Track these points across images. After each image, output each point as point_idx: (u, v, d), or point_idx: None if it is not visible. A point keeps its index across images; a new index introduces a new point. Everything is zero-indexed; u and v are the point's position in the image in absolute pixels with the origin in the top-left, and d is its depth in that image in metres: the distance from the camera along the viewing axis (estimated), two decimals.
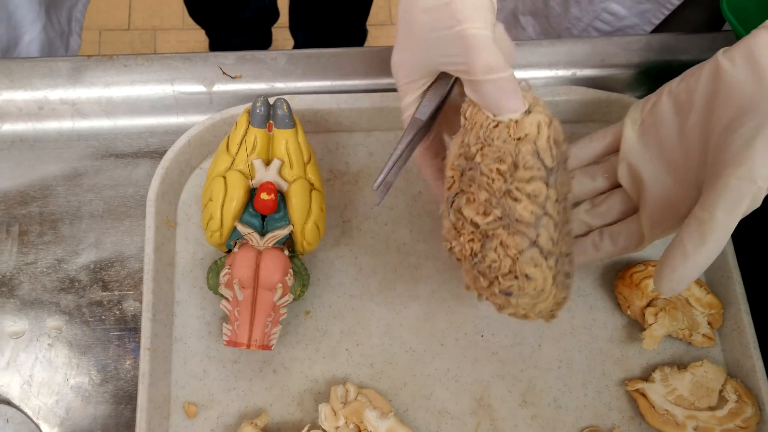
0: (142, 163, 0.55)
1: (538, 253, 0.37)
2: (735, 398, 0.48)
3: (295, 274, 0.48)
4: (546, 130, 0.37)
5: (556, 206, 0.38)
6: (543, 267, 0.38)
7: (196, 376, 0.49)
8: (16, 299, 0.51)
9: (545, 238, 0.37)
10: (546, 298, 0.39)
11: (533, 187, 0.37)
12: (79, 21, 0.76)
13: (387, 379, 0.50)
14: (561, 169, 0.38)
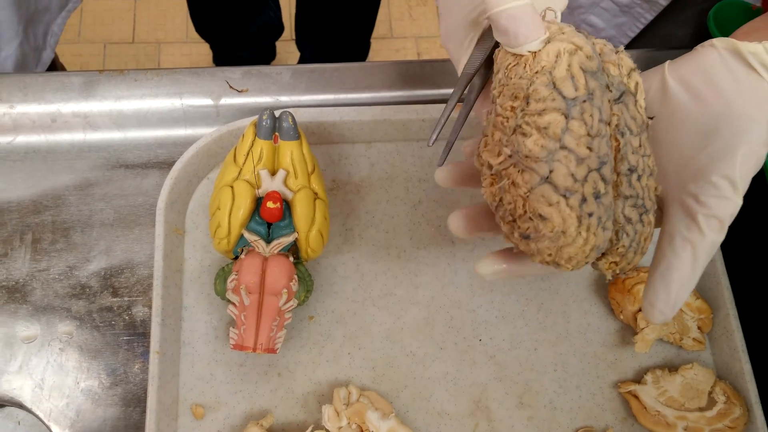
0: (151, 174, 0.57)
1: (551, 190, 0.34)
2: (724, 399, 0.49)
3: (300, 279, 0.50)
4: (566, 58, 0.34)
5: (586, 140, 0.34)
6: (561, 205, 0.34)
7: (203, 379, 0.51)
8: (28, 305, 0.53)
9: (561, 174, 0.34)
10: (571, 241, 0.35)
11: (546, 119, 0.34)
12: (55, 35, 0.76)
13: (388, 382, 0.51)
14: (596, 98, 0.35)
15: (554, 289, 0.54)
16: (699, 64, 0.40)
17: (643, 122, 0.37)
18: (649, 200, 0.37)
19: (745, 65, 0.39)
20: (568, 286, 0.54)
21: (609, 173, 0.35)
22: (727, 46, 0.40)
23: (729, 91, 0.39)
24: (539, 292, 0.54)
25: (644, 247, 0.38)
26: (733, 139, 0.38)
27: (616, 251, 0.37)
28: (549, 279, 0.55)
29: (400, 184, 0.57)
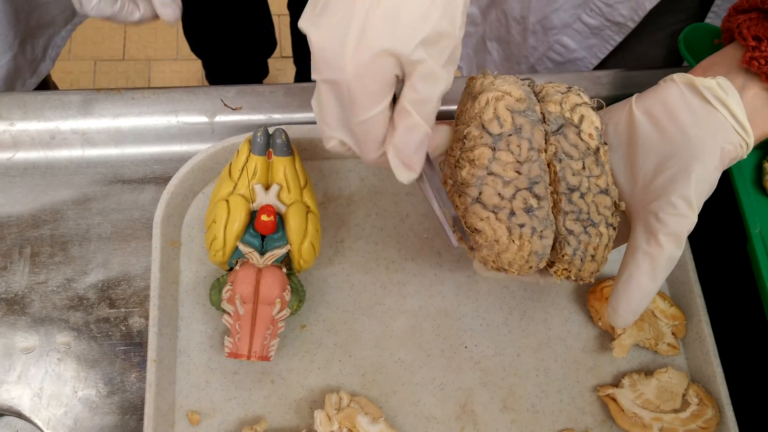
0: (147, 189, 0.59)
1: (481, 207, 0.42)
2: (697, 401, 0.52)
3: (293, 290, 0.52)
4: (493, 104, 0.42)
5: (514, 165, 0.42)
6: (491, 219, 0.42)
7: (198, 386, 0.52)
8: (27, 317, 0.55)
9: (488, 194, 0.42)
10: (505, 248, 0.42)
11: (476, 152, 0.42)
12: (57, 47, 0.76)
13: (377, 388, 0.53)
14: (525, 131, 0.42)
15: (536, 297, 0.57)
16: (661, 97, 0.45)
17: (589, 148, 0.43)
18: (597, 214, 0.43)
19: (701, 98, 0.43)
20: (549, 295, 0.57)
21: (543, 191, 0.42)
22: (685, 81, 0.44)
23: (686, 121, 0.43)
24: (522, 300, 0.57)
25: (598, 255, 0.44)
26: (689, 163, 0.42)
27: (562, 258, 0.44)
28: (531, 289, 0.57)
29: (388, 198, 0.59)
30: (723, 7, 0.67)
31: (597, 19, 0.70)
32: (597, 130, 0.44)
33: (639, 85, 0.65)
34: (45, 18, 0.72)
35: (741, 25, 0.46)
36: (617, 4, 0.68)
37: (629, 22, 0.69)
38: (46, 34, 0.74)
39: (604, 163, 0.44)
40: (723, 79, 0.44)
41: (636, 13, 0.68)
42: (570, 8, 0.72)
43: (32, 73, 0.75)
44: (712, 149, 0.42)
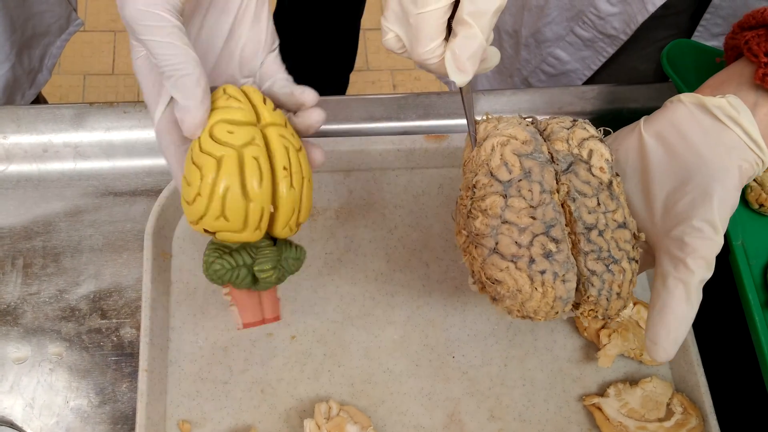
0: (138, 201, 0.60)
1: (499, 258, 0.41)
2: (681, 410, 0.53)
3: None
4: (499, 149, 0.42)
5: (528, 211, 0.40)
6: (511, 269, 0.41)
7: (189, 396, 0.53)
8: (19, 327, 0.55)
9: (505, 244, 0.40)
10: (529, 297, 0.41)
11: (487, 202, 0.41)
12: (54, 57, 0.77)
13: (366, 397, 0.54)
14: (535, 174, 0.41)
15: None
16: (670, 120, 0.44)
17: (601, 183, 0.42)
18: (618, 250, 0.42)
19: (712, 118, 0.43)
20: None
21: (560, 233, 0.41)
22: (694, 101, 0.44)
23: (699, 142, 0.43)
24: None
25: (623, 292, 0.43)
26: (709, 185, 0.42)
27: (587, 300, 0.42)
28: None
29: (377, 210, 0.60)
30: (712, 21, 0.68)
31: (590, 31, 0.72)
32: (608, 163, 0.43)
33: (625, 99, 0.66)
34: (40, 28, 0.73)
35: (750, 41, 0.45)
36: (609, 17, 0.69)
37: (621, 34, 0.70)
38: (42, 43, 0.74)
39: (618, 196, 0.42)
40: (733, 98, 0.43)
41: (628, 26, 0.69)
42: (563, 21, 0.73)
43: (31, 84, 0.76)
44: (730, 169, 0.42)
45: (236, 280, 0.44)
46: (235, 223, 0.40)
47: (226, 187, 0.39)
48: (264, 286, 0.45)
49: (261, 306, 0.46)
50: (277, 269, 0.44)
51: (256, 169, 0.40)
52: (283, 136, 0.42)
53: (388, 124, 0.64)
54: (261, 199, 0.40)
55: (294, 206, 0.42)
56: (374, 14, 1.81)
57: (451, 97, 0.65)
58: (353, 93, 1.72)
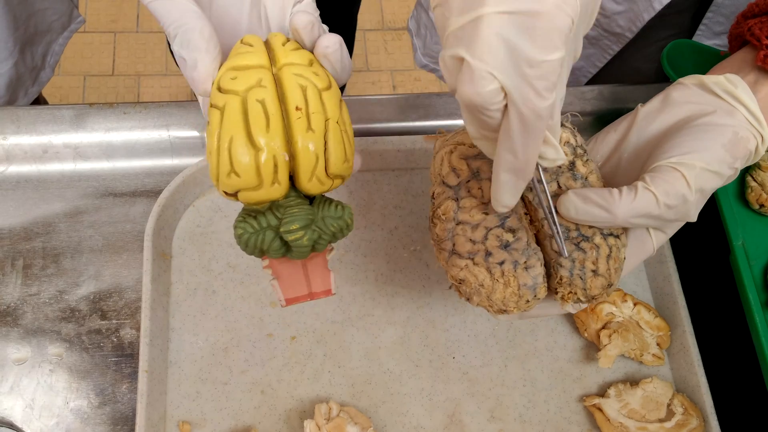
0: (138, 202, 0.60)
1: (457, 257, 0.42)
2: (682, 411, 0.53)
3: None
4: (447, 158, 0.43)
5: (480, 207, 0.42)
6: (470, 266, 0.41)
7: (189, 397, 0.53)
8: (20, 328, 0.55)
9: (461, 242, 0.42)
10: (492, 289, 0.41)
11: (442, 208, 0.43)
12: (56, 54, 0.77)
13: (366, 398, 0.54)
14: (484, 172, 0.42)
15: None
16: (671, 96, 0.45)
17: (560, 167, 0.42)
18: (588, 228, 0.42)
19: (711, 93, 0.44)
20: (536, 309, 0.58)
21: (517, 223, 0.41)
22: (694, 81, 0.45)
23: (695, 109, 0.43)
24: None
25: (600, 268, 0.42)
26: (697, 136, 0.41)
27: (561, 283, 0.42)
28: None
29: (377, 211, 0.60)
30: (714, 20, 0.68)
31: (595, 29, 0.72)
32: (569, 145, 0.43)
33: (625, 99, 0.66)
34: (42, 25, 0.73)
35: (752, 27, 0.46)
36: (615, 15, 0.69)
37: (627, 32, 0.70)
38: (44, 41, 0.75)
39: (585, 176, 0.43)
40: (732, 75, 0.44)
41: (634, 24, 0.69)
42: None
43: (34, 81, 0.76)
44: (724, 127, 0.41)
45: (264, 246, 0.39)
46: (247, 177, 0.36)
47: (230, 137, 0.35)
48: (298, 252, 0.39)
49: (307, 278, 0.41)
50: (308, 230, 0.38)
51: (260, 113, 0.35)
52: (300, 75, 0.37)
53: (387, 124, 0.64)
54: (270, 146, 0.35)
55: (315, 152, 0.36)
56: (374, 14, 1.81)
57: (450, 98, 0.65)
58: (353, 94, 1.72)
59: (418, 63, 0.88)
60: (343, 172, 0.38)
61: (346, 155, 0.38)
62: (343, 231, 0.40)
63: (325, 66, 0.39)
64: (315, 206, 0.39)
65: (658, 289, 0.58)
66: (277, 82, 0.37)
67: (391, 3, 1.84)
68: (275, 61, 0.38)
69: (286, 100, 0.36)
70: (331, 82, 0.38)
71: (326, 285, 0.41)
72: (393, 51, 1.79)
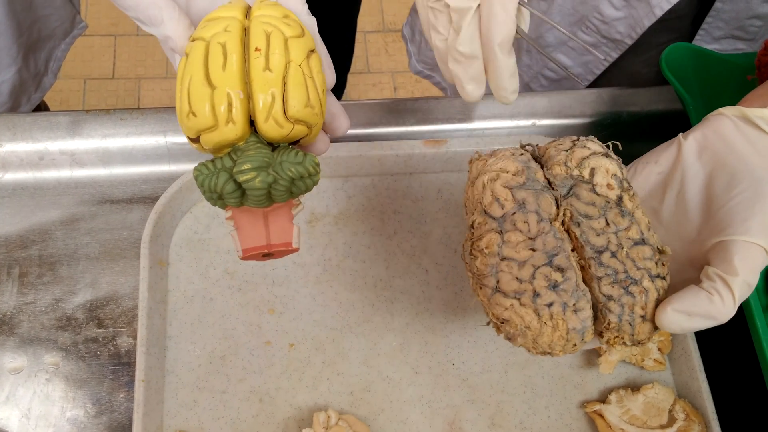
0: (135, 209, 0.59)
1: (502, 296, 0.39)
2: (683, 417, 0.52)
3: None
4: (489, 186, 0.41)
5: (526, 243, 0.39)
6: (515, 306, 0.39)
7: (186, 406, 0.52)
8: (15, 337, 0.55)
9: (506, 281, 0.39)
10: (539, 333, 0.39)
11: (484, 240, 0.40)
12: (58, 60, 0.77)
13: (366, 406, 0.53)
14: (530, 204, 0.40)
15: None
16: (712, 130, 0.43)
17: (609, 201, 0.40)
18: (636, 270, 0.40)
19: (756, 129, 0.43)
20: None
21: (565, 261, 0.39)
22: (736, 113, 0.43)
23: (745, 150, 0.42)
24: None
25: (648, 313, 0.40)
26: (758, 190, 0.40)
27: (608, 328, 0.40)
28: None
29: (375, 216, 0.60)
30: (713, 25, 0.68)
31: (593, 36, 0.71)
32: (616, 178, 0.41)
33: (625, 103, 0.66)
34: (45, 31, 0.73)
35: None
36: (614, 22, 0.68)
37: (626, 39, 0.69)
38: (47, 47, 0.75)
39: (632, 211, 0.40)
40: None
41: (633, 30, 0.68)
42: (565, 26, 0.72)
43: (36, 87, 0.76)
44: None
45: (217, 188, 0.37)
46: (203, 116, 0.36)
47: (189, 78, 0.36)
48: (253, 197, 0.37)
49: (267, 229, 0.39)
50: (261, 171, 0.36)
51: (219, 54, 0.36)
52: (267, 23, 0.37)
53: (386, 129, 0.63)
54: (224, 83, 0.36)
55: (272, 92, 0.36)
56: (374, 16, 1.81)
57: (449, 102, 0.65)
58: (354, 96, 1.72)
59: (412, 69, 0.87)
60: (305, 117, 0.37)
61: (309, 100, 0.37)
62: (305, 179, 0.38)
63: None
64: (276, 152, 0.38)
65: None
66: (247, 31, 0.37)
67: (391, 5, 1.84)
68: (250, 15, 0.38)
69: (249, 44, 0.37)
70: (304, 33, 0.38)
71: (287, 237, 0.39)
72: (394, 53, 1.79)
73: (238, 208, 0.39)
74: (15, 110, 0.75)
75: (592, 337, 0.40)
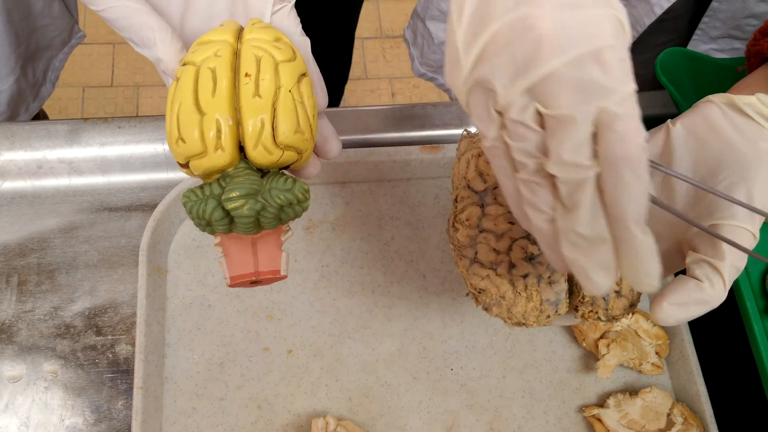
0: (134, 216, 0.60)
1: (479, 266, 0.41)
2: (681, 420, 0.52)
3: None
4: (473, 162, 0.42)
5: (505, 217, 0.41)
6: (492, 276, 0.41)
7: (185, 413, 0.52)
8: (14, 345, 0.55)
9: (484, 251, 0.41)
10: (513, 302, 0.41)
11: (466, 213, 0.42)
12: (56, 69, 0.78)
13: (364, 412, 0.53)
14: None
15: None
16: (701, 116, 0.44)
17: None
18: None
19: (743, 115, 0.43)
20: None
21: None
22: (724, 100, 0.44)
23: (731, 136, 0.42)
24: None
25: (624, 289, 0.41)
26: (744, 174, 0.41)
27: (583, 302, 0.41)
28: None
29: (373, 222, 0.60)
30: (710, 25, 0.68)
31: None
32: None
33: None
34: (43, 41, 0.73)
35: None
36: None
37: None
38: (45, 56, 0.75)
39: None
40: (763, 95, 0.43)
41: (633, 28, 0.68)
42: None
43: (35, 97, 0.76)
44: (762, 158, 0.41)
45: (206, 215, 0.37)
46: (192, 143, 0.35)
47: (179, 104, 0.36)
48: (242, 224, 0.37)
49: (255, 257, 0.39)
50: (249, 199, 0.36)
51: (209, 80, 0.36)
52: (258, 47, 0.37)
53: (383, 135, 0.64)
54: (213, 110, 0.35)
55: (261, 118, 0.35)
56: (372, 23, 1.82)
57: (446, 108, 0.65)
58: (352, 102, 1.72)
59: (415, 72, 0.88)
60: (295, 143, 0.37)
61: (299, 126, 0.37)
62: (294, 206, 0.38)
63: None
64: (265, 179, 0.37)
65: None
66: (237, 55, 0.37)
67: (388, 11, 1.85)
68: (241, 38, 0.38)
69: (239, 69, 0.36)
70: (296, 57, 0.38)
71: (275, 265, 0.39)
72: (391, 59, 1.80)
73: (227, 235, 0.39)
74: (13, 120, 0.75)
75: (567, 309, 0.41)
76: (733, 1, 0.65)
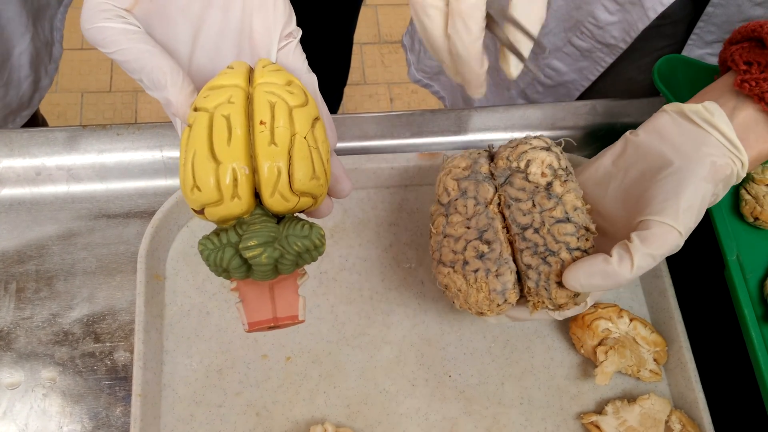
0: (132, 223, 0.60)
1: (442, 266, 0.48)
2: (680, 427, 0.52)
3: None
4: (442, 179, 0.49)
5: (463, 222, 0.47)
6: (450, 274, 0.48)
7: (183, 420, 0.52)
8: (12, 352, 0.55)
9: (445, 253, 0.48)
10: (467, 294, 0.47)
11: (435, 224, 0.49)
12: (59, 29, 0.78)
13: (362, 419, 0.53)
14: (470, 191, 0.48)
15: (519, 326, 0.57)
16: (652, 125, 0.48)
17: (538, 187, 0.47)
18: (555, 243, 0.46)
19: (689, 121, 0.47)
20: (532, 323, 0.57)
21: (493, 236, 0.47)
22: (675, 109, 0.48)
23: (675, 140, 0.46)
24: (505, 329, 0.57)
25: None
26: (678, 174, 0.45)
27: (529, 293, 0.47)
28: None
29: (371, 228, 0.60)
30: (705, 29, 0.68)
31: (588, 41, 0.72)
32: (550, 168, 0.47)
33: (618, 114, 0.66)
34: None
35: (734, 53, 0.49)
36: (608, 26, 0.69)
37: (621, 43, 0.70)
38: (48, 15, 0.76)
39: (561, 195, 0.46)
40: (709, 103, 0.47)
41: (628, 34, 0.69)
42: (560, 32, 0.73)
43: (50, 58, 0.77)
44: (700, 160, 0.45)
45: (223, 263, 0.37)
46: (207, 191, 0.35)
47: (194, 152, 0.35)
48: (260, 271, 0.37)
49: (273, 302, 0.40)
50: (268, 247, 0.36)
51: (224, 128, 0.35)
52: (271, 92, 0.37)
53: (381, 142, 0.64)
54: (229, 159, 0.35)
55: (278, 166, 0.35)
56: (370, 28, 1.82)
57: (444, 115, 0.65)
58: (351, 107, 1.72)
59: (411, 78, 0.88)
60: (311, 189, 0.37)
61: (315, 172, 0.37)
62: (311, 252, 0.38)
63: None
64: (281, 225, 0.38)
65: (654, 305, 0.58)
66: (250, 100, 0.37)
67: (387, 17, 1.85)
68: (252, 82, 0.38)
69: (253, 115, 0.36)
70: (308, 101, 0.38)
71: (293, 310, 0.39)
72: (390, 64, 1.80)
73: (244, 281, 0.39)
74: (37, 83, 0.76)
75: (516, 298, 0.47)
76: (728, 6, 0.65)
